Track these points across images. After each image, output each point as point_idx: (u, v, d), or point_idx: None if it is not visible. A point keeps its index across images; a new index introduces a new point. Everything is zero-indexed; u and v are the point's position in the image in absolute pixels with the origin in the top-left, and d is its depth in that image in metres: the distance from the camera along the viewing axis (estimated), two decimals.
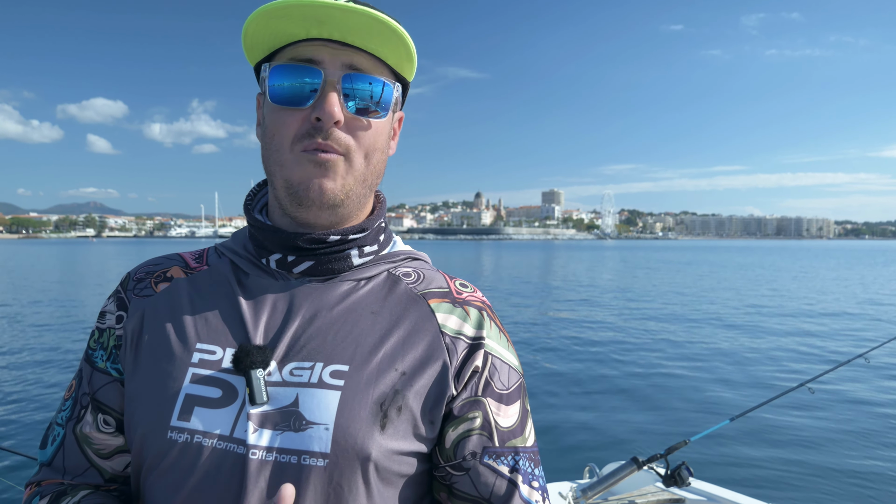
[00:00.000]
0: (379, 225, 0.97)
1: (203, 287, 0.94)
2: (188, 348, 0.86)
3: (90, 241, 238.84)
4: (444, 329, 0.90)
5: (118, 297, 0.97)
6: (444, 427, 0.87)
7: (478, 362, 0.89)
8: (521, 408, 0.92)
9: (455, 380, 0.87)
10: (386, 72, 0.89)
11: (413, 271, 0.98)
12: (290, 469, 0.78)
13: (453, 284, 0.98)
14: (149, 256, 1.11)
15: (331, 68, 0.84)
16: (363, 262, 0.94)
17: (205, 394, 0.83)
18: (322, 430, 0.79)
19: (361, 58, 0.85)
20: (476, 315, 0.93)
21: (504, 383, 0.91)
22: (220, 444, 0.80)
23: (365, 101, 0.86)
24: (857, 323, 17.08)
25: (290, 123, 0.85)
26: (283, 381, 0.82)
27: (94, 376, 0.94)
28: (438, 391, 0.86)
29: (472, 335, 0.91)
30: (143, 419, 0.84)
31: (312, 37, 0.84)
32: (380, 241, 0.97)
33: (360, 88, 0.85)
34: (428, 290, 0.95)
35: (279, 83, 0.85)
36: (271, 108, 0.87)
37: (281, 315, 0.88)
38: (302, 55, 0.85)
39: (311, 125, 0.84)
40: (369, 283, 0.93)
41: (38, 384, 9.27)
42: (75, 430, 0.93)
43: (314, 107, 0.84)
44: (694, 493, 3.23)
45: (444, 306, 0.92)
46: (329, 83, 0.84)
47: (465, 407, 0.87)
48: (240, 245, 0.97)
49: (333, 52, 0.84)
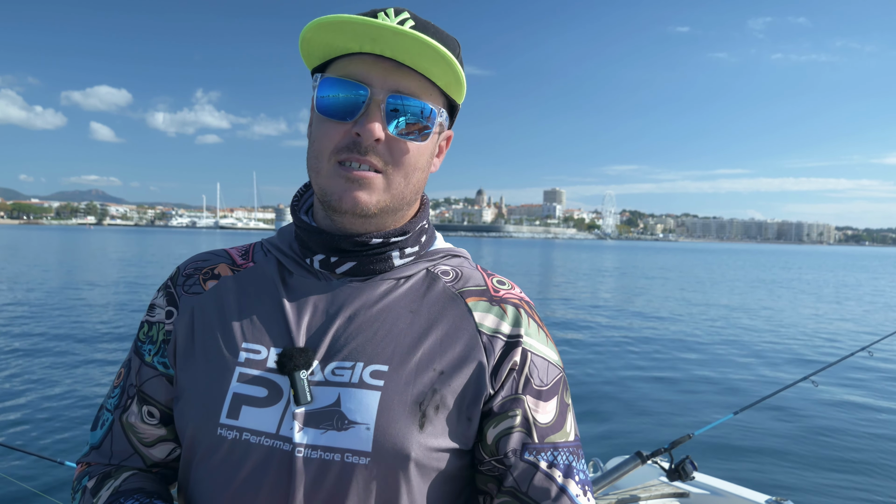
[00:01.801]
0: (421, 227, 0.99)
1: (249, 286, 0.97)
2: (235, 348, 0.90)
3: (88, 228, 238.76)
4: (482, 328, 0.91)
5: (168, 291, 1.01)
6: (484, 424, 0.89)
7: (516, 359, 0.90)
8: (561, 402, 0.93)
9: (492, 378, 0.89)
10: (435, 93, 0.90)
11: (451, 269, 1.00)
12: (335, 467, 0.81)
13: (490, 282, 0.99)
14: (149, 246, 1.11)
15: (378, 87, 0.85)
16: (404, 262, 0.96)
17: (252, 393, 0.86)
18: (363, 430, 0.82)
19: (411, 79, 0.87)
20: (513, 313, 0.94)
21: (542, 379, 0.92)
22: (268, 442, 0.83)
23: (407, 124, 0.87)
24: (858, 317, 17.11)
25: (332, 135, 0.87)
26: (325, 380, 0.85)
27: (143, 369, 0.99)
28: (476, 390, 0.88)
29: (509, 333, 0.92)
30: (194, 415, 0.89)
31: (365, 51, 0.85)
32: (421, 241, 0.99)
33: (403, 111, 0.87)
34: (465, 289, 0.96)
35: (327, 95, 0.88)
36: (318, 117, 0.90)
37: (322, 315, 0.90)
38: (352, 71, 0.87)
39: (352, 139, 0.86)
40: (408, 281, 0.95)
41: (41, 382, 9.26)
42: (121, 418, 0.98)
43: (356, 122, 0.86)
44: (698, 487, 3.22)
45: (481, 305, 0.94)
46: (374, 102, 0.85)
47: (506, 405, 0.89)
48: (286, 244, 1.00)
49: (384, 70, 0.86)
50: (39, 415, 7.22)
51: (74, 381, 8.60)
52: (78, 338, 12.04)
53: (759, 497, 3.07)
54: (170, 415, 0.97)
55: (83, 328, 13.01)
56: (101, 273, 27.67)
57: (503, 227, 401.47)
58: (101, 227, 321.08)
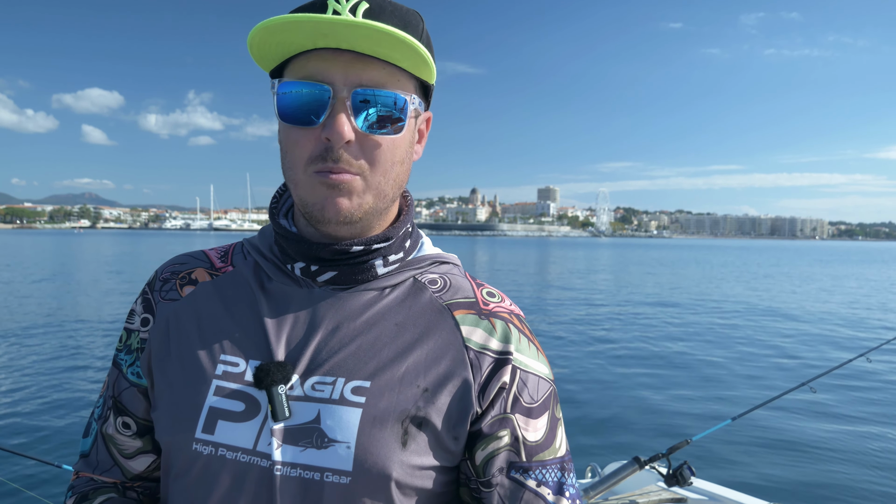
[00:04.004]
0: (405, 231, 0.94)
1: (227, 293, 0.93)
2: (213, 359, 0.87)
3: (78, 232, 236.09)
4: (469, 343, 0.87)
5: (145, 297, 0.98)
6: (473, 445, 0.86)
7: (505, 378, 0.87)
8: (551, 418, 0.90)
9: (480, 396, 0.85)
10: (403, 78, 0.84)
11: (439, 277, 0.95)
12: (314, 485, 0.79)
13: (480, 294, 0.95)
14: (143, 249, 1.09)
15: (340, 84, 0.80)
16: (388, 270, 0.91)
17: (228, 407, 0.83)
18: (344, 449, 0.79)
19: (374, 69, 0.81)
20: (502, 328, 0.90)
21: (533, 397, 0.89)
22: (244, 458, 0.80)
23: (378, 117, 0.82)
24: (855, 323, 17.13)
25: (302, 143, 0.82)
26: (305, 395, 0.82)
27: (119, 380, 0.97)
28: (461, 408, 0.84)
29: (498, 349, 0.88)
30: (169, 429, 0.86)
31: (320, 46, 0.80)
32: (405, 247, 0.94)
33: (370, 104, 0.81)
34: (454, 301, 0.92)
35: (287, 102, 0.82)
36: (284, 125, 0.84)
37: (304, 326, 0.87)
38: (311, 71, 0.81)
39: (324, 146, 0.80)
40: (394, 291, 0.91)
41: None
42: (102, 429, 0.98)
43: (324, 125, 0.80)
44: (696, 493, 3.23)
45: (469, 318, 0.90)
46: (339, 100, 0.79)
47: (495, 425, 0.86)
48: (266, 247, 0.95)
49: (344, 65, 0.80)
50: (36, 418, 7.22)
51: (72, 383, 8.57)
52: (76, 340, 11.97)
53: (757, 503, 3.08)
54: (147, 426, 0.95)
55: (82, 327, 12.97)
56: (96, 275, 27.56)
57: (497, 225, 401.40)
58: (94, 230, 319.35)
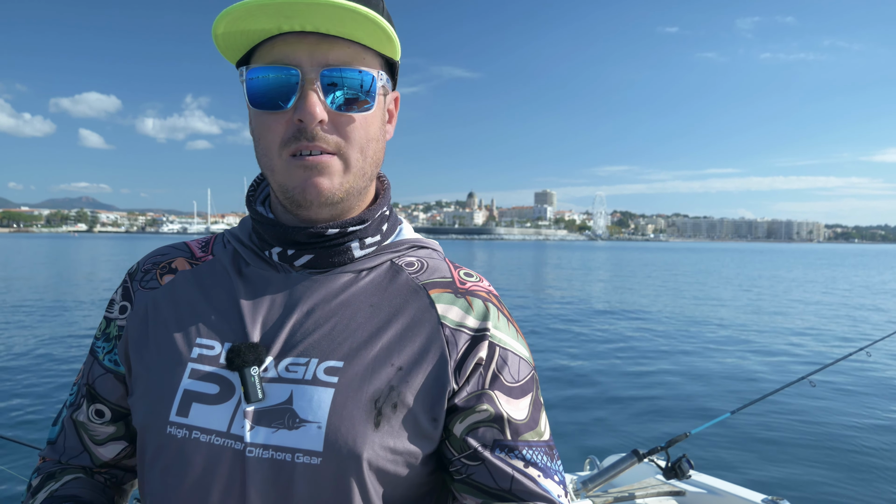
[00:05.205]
0: (382, 214, 0.94)
1: (206, 279, 0.94)
2: (189, 343, 0.87)
3: (73, 236, 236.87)
4: (444, 321, 0.87)
5: (125, 286, 0.99)
6: (449, 421, 0.85)
7: (482, 354, 0.86)
8: (534, 400, 0.89)
9: (456, 374, 0.84)
10: (369, 56, 0.85)
11: (417, 260, 0.95)
12: (285, 467, 0.78)
13: (457, 274, 0.95)
14: (140, 253, 1.09)
15: (307, 66, 0.80)
16: (365, 253, 0.91)
17: (202, 390, 0.83)
18: (314, 429, 0.79)
19: (340, 49, 0.81)
20: (480, 306, 0.90)
21: (514, 376, 0.88)
22: (218, 441, 0.80)
23: (347, 95, 0.82)
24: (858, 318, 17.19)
25: (274, 128, 0.83)
26: (278, 377, 0.82)
27: (93, 367, 0.98)
28: (438, 386, 0.83)
29: (475, 327, 0.87)
30: (144, 413, 0.86)
31: (285, 31, 0.80)
32: (382, 230, 0.95)
33: (340, 83, 0.82)
34: (430, 281, 0.92)
35: (256, 87, 0.82)
36: (255, 112, 0.85)
37: (279, 309, 0.87)
38: (277, 56, 0.81)
39: (296, 127, 0.81)
40: (370, 273, 0.91)
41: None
42: (73, 416, 0.98)
43: (295, 108, 0.81)
44: (694, 486, 3.22)
45: (445, 297, 0.89)
46: (308, 81, 0.80)
47: (472, 400, 0.85)
48: (245, 234, 0.96)
49: (309, 46, 0.80)
50: (33, 405, 7.23)
51: (69, 373, 8.54)
52: (72, 331, 11.96)
53: (756, 496, 3.06)
54: (121, 412, 0.96)
55: (80, 323, 12.98)
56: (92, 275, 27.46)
57: (494, 229, 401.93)
58: (91, 234, 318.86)
